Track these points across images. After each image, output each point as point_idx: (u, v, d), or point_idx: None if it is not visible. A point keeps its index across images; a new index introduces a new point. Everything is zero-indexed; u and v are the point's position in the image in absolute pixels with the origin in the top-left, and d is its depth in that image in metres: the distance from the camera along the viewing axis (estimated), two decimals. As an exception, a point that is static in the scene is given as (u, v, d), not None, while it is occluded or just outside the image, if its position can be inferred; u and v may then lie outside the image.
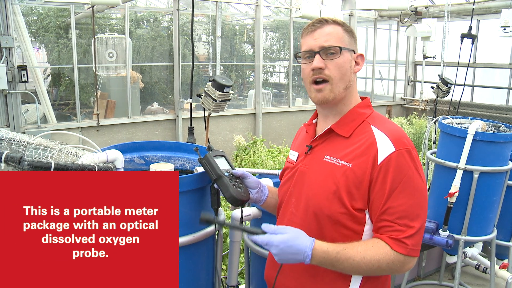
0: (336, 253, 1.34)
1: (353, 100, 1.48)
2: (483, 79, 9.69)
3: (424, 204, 1.39)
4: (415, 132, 7.65)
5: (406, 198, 1.35)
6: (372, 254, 1.34)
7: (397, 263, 1.35)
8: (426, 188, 1.41)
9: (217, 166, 1.57)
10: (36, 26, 7.91)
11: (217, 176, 1.55)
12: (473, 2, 6.21)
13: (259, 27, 8.33)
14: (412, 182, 1.35)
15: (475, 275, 4.07)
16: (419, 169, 1.38)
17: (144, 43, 8.36)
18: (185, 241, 1.63)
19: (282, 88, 10.49)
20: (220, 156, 1.64)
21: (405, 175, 1.35)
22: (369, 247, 1.35)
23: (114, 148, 1.70)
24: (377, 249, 1.34)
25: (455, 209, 3.05)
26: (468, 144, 2.94)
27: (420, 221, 1.36)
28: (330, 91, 1.42)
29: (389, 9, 7.69)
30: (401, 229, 1.34)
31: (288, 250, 1.31)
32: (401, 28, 10.35)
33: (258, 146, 6.77)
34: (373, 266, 1.34)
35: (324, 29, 1.43)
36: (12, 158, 1.28)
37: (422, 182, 1.38)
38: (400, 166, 1.35)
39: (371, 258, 1.34)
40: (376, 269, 1.35)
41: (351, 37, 1.46)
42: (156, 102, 8.59)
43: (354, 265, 1.34)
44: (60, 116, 7.86)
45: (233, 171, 1.60)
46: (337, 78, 1.41)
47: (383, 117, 1.51)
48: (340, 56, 1.41)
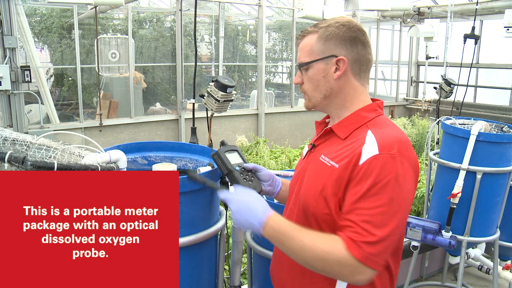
0: (289, 228, 1.33)
1: (351, 103, 1.45)
2: (486, 80, 9.66)
3: (398, 215, 1.28)
4: (417, 133, 7.62)
5: (377, 204, 1.27)
6: (323, 243, 1.28)
7: (347, 267, 1.25)
8: (407, 200, 1.32)
9: (228, 161, 1.61)
10: (39, 26, 7.93)
11: (228, 170, 1.60)
12: (476, 2, 6.21)
13: (261, 28, 8.32)
14: (388, 189, 1.27)
15: (478, 276, 4.06)
16: (401, 178, 1.29)
17: (146, 43, 8.37)
18: (188, 241, 1.63)
19: (284, 88, 10.48)
20: (233, 150, 1.68)
21: (382, 180, 1.28)
22: (323, 237, 1.31)
23: (117, 148, 1.71)
24: (331, 242, 1.28)
25: (458, 209, 3.04)
26: (471, 145, 2.93)
27: (386, 231, 1.25)
28: (309, 101, 1.49)
29: (392, 9, 7.67)
30: (362, 232, 1.25)
31: (244, 209, 1.38)
32: (404, 29, 10.33)
33: (261, 147, 6.76)
34: (320, 256, 1.27)
35: (300, 43, 1.48)
36: (15, 158, 1.28)
37: (401, 192, 1.29)
38: (379, 170, 1.29)
39: (321, 247, 1.27)
40: (323, 263, 1.28)
41: (328, 41, 1.41)
42: (158, 102, 8.60)
43: (302, 247, 1.29)
44: (63, 116, 7.88)
45: (245, 164, 1.64)
46: (311, 90, 1.46)
47: (386, 122, 1.45)
48: (310, 69, 1.44)
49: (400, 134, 1.38)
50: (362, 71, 1.44)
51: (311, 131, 9.03)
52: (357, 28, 1.42)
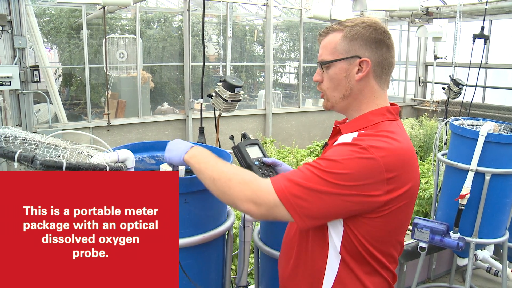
0: (211, 153, 1.44)
1: (367, 106, 1.42)
2: (495, 80, 9.60)
3: (306, 190, 1.25)
4: (425, 133, 7.58)
5: (303, 169, 1.30)
6: (236, 169, 1.38)
7: (263, 191, 1.28)
8: (334, 187, 1.24)
9: (247, 155, 1.63)
10: (48, 26, 7.98)
11: (247, 165, 1.62)
12: (485, 2, 6.16)
13: (269, 28, 8.33)
14: (326, 165, 1.26)
15: (486, 278, 4.03)
16: (347, 168, 1.24)
17: (154, 43, 8.40)
18: (195, 241, 1.63)
19: (292, 88, 10.48)
20: (253, 144, 1.70)
21: (329, 156, 1.28)
22: (239, 168, 1.41)
23: (125, 148, 1.71)
24: (249, 173, 1.37)
25: (466, 211, 3.03)
26: (479, 146, 2.91)
27: (296, 183, 1.26)
28: (327, 101, 1.47)
29: (400, 9, 7.64)
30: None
31: (176, 143, 1.51)
32: (412, 29, 10.29)
33: (268, 147, 6.77)
34: (235, 175, 1.34)
35: (323, 40, 1.44)
36: (25, 157, 1.29)
37: (334, 177, 1.24)
38: (335, 150, 1.30)
39: (233, 169, 1.37)
40: (239, 181, 1.33)
41: (353, 41, 1.37)
42: (166, 102, 8.63)
43: (215, 166, 1.38)
44: (71, 116, 7.93)
45: (264, 159, 1.65)
46: (330, 89, 1.44)
47: (392, 128, 1.38)
48: (331, 68, 1.41)
49: (391, 142, 1.30)
50: (384, 74, 1.42)
51: (318, 131, 9.03)
52: (383, 30, 1.39)
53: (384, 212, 1.30)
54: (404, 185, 1.30)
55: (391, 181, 1.26)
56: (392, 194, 1.28)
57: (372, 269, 1.39)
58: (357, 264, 1.37)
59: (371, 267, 1.38)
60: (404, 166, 1.29)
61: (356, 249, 1.35)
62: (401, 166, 1.28)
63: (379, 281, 1.41)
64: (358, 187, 1.24)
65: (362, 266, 1.37)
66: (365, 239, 1.34)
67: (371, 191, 1.25)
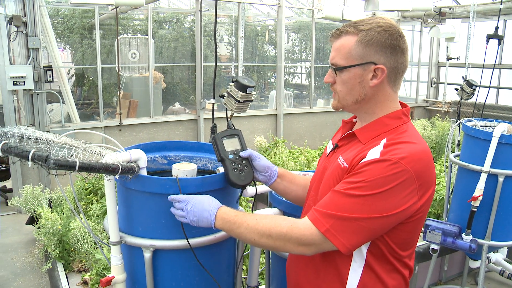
0: (235, 215, 1.41)
1: (381, 110, 1.42)
2: (510, 81, 9.48)
3: (357, 221, 1.27)
4: (437, 135, 7.53)
5: (340, 197, 1.30)
6: (268, 221, 1.37)
7: (306, 234, 1.32)
8: (376, 212, 1.26)
9: (222, 147, 1.62)
10: (61, 27, 8.05)
11: (220, 158, 1.61)
12: (500, 1, 6.09)
13: (281, 28, 8.32)
14: (362, 189, 1.27)
15: (499, 281, 3.99)
16: (383, 187, 1.25)
17: (166, 43, 8.43)
18: (206, 241, 1.64)
19: (303, 89, 10.45)
20: (233, 135, 1.68)
21: (364, 180, 1.27)
22: (268, 216, 1.41)
23: (137, 148, 1.72)
24: (281, 219, 1.38)
25: (478, 213, 3.00)
26: (493, 147, 2.89)
27: (330, 221, 1.29)
28: (338, 102, 1.46)
29: (413, 9, 7.59)
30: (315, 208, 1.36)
31: (198, 205, 1.45)
32: (425, 29, 10.21)
33: (279, 147, 6.76)
34: (270, 230, 1.35)
35: (337, 41, 1.41)
36: (38, 157, 1.30)
37: (373, 201, 1.26)
38: (368, 171, 1.28)
39: (266, 224, 1.37)
40: (278, 234, 1.34)
41: (368, 46, 1.34)
42: (178, 102, 8.65)
43: (248, 229, 1.38)
44: (84, 116, 7.99)
45: (241, 153, 1.63)
46: (343, 93, 1.42)
47: (408, 131, 1.39)
48: (345, 73, 1.38)
49: (413, 147, 1.32)
50: (398, 78, 1.41)
51: (330, 132, 8.99)
52: (399, 34, 1.36)
53: (417, 216, 1.34)
54: (430, 187, 1.33)
55: (420, 186, 1.29)
56: (423, 198, 1.31)
57: (392, 267, 1.40)
58: (380, 263, 1.38)
59: (392, 265, 1.40)
60: (427, 169, 1.32)
61: (381, 251, 1.37)
62: (426, 170, 1.31)
63: (397, 278, 1.42)
64: (399, 204, 1.27)
65: (384, 265, 1.39)
66: (393, 242, 1.36)
67: (409, 202, 1.28)
